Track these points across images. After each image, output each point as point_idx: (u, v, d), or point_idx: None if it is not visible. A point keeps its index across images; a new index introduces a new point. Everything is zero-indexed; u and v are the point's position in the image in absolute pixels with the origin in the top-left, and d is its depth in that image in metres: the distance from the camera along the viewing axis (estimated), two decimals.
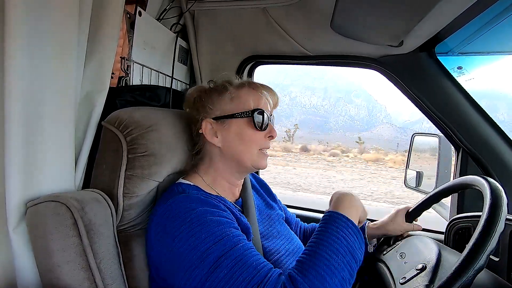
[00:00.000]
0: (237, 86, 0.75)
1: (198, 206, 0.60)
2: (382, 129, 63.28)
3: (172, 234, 0.57)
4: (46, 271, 0.55)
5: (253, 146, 0.73)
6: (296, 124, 51.81)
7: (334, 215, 0.62)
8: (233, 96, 0.73)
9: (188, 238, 0.55)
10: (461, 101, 0.98)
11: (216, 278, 0.52)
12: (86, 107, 0.73)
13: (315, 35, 1.05)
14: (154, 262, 0.64)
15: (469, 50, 1.06)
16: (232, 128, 0.72)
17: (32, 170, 0.58)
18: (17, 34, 0.53)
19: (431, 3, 0.66)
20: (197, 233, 0.55)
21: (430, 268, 0.66)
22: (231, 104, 0.73)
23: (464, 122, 0.98)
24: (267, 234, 0.77)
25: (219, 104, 0.73)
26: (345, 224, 0.60)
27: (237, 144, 0.72)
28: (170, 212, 0.60)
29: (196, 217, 0.58)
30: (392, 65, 1.03)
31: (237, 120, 0.72)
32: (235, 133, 0.72)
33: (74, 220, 0.56)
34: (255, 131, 0.72)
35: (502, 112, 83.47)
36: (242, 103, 0.72)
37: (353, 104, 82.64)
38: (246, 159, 0.72)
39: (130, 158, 0.66)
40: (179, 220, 0.58)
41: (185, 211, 0.59)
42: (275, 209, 0.90)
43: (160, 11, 1.04)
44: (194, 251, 0.54)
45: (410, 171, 1.15)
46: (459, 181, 0.75)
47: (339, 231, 0.59)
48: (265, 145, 0.74)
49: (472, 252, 0.50)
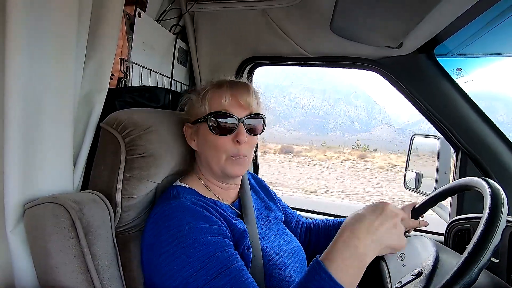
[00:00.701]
0: (214, 87, 0.72)
1: (189, 221, 0.58)
2: (380, 130, 63.40)
3: (160, 250, 0.57)
4: (44, 273, 0.55)
5: (219, 151, 0.69)
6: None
7: (317, 268, 0.50)
8: (205, 99, 0.71)
9: (174, 259, 0.55)
10: (460, 102, 0.98)
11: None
12: (85, 108, 0.73)
13: (315, 36, 1.06)
14: (144, 267, 0.64)
15: (468, 52, 1.07)
16: (200, 133, 0.71)
17: (30, 171, 0.58)
18: (16, 34, 0.53)
19: (430, 5, 0.66)
20: (182, 255, 0.54)
21: (426, 274, 0.65)
22: (202, 108, 0.71)
23: (464, 123, 0.98)
24: (266, 235, 0.76)
25: (194, 107, 0.73)
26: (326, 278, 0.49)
27: (206, 149, 0.71)
28: (162, 223, 0.59)
29: (184, 234, 0.56)
30: (392, 66, 1.03)
31: (202, 125, 0.70)
32: (203, 138, 0.71)
33: (72, 222, 0.55)
34: (216, 136, 0.68)
35: (501, 113, 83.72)
36: (210, 106, 0.70)
37: (352, 106, 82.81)
38: (214, 165, 0.70)
39: (128, 160, 0.66)
40: (168, 235, 0.57)
41: (175, 225, 0.58)
42: (273, 210, 0.89)
43: (160, 12, 1.04)
44: (178, 274, 0.53)
45: (409, 172, 1.14)
46: (459, 182, 0.75)
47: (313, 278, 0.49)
48: (232, 151, 0.69)
49: (475, 250, 0.49)
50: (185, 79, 1.24)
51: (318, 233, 0.97)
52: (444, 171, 1.01)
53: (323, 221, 0.99)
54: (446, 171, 1.02)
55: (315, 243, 0.96)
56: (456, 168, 1.04)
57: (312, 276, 0.50)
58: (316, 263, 0.51)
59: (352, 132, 68.72)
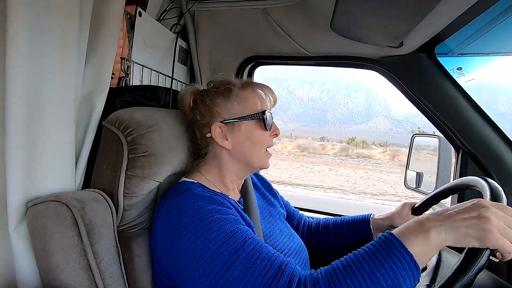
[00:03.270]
0: (241, 88, 0.75)
1: (205, 204, 0.59)
2: (378, 122, 63.27)
3: (181, 233, 0.56)
4: (46, 271, 0.55)
5: (262, 146, 0.75)
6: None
7: (393, 240, 0.51)
8: (239, 98, 0.73)
9: (198, 237, 0.55)
10: (461, 102, 0.98)
11: (230, 276, 0.51)
12: (86, 107, 0.73)
13: (315, 36, 1.06)
14: (160, 262, 0.63)
15: (469, 51, 1.07)
16: (242, 130, 0.73)
17: (32, 170, 0.58)
18: (17, 34, 0.53)
19: (431, 4, 0.66)
20: (206, 232, 0.55)
21: (431, 268, 0.66)
22: (238, 107, 0.73)
23: (464, 123, 0.98)
24: (269, 233, 0.77)
25: (226, 107, 0.73)
26: (402, 257, 0.48)
27: (247, 145, 0.73)
28: (176, 211, 0.59)
29: (204, 215, 0.57)
30: (392, 66, 1.03)
31: (247, 122, 0.73)
32: (245, 135, 0.73)
33: (74, 220, 0.56)
34: (263, 131, 0.74)
35: (503, 103, 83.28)
36: (249, 105, 0.73)
37: (352, 97, 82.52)
38: (255, 160, 0.74)
39: (130, 158, 0.66)
40: (187, 219, 0.57)
41: (192, 209, 0.58)
42: (276, 207, 0.90)
43: (160, 12, 1.04)
44: (205, 250, 0.53)
45: (410, 171, 1.15)
46: (459, 181, 0.76)
47: (388, 260, 0.48)
48: (271, 143, 0.77)
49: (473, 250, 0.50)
50: (186, 78, 1.24)
51: (318, 232, 0.97)
52: (445, 170, 1.01)
53: (324, 220, 0.99)
54: (446, 170, 1.02)
55: (316, 241, 0.97)
56: (456, 167, 1.05)
57: (383, 242, 0.51)
58: (387, 233, 0.52)
59: (350, 124, 68.52)
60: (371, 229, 0.89)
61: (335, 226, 0.95)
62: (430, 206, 0.86)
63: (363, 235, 0.90)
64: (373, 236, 0.89)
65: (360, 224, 0.91)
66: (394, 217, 0.88)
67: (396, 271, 0.47)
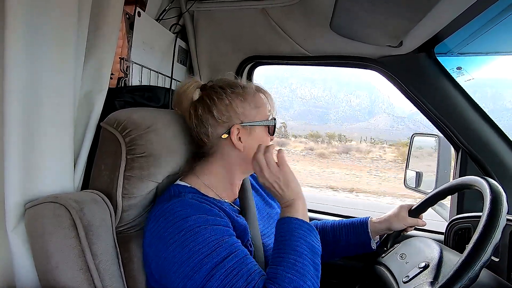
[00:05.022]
0: (254, 92, 0.77)
1: (193, 213, 0.60)
2: (379, 119, 63.06)
3: (167, 242, 0.58)
4: (44, 272, 0.55)
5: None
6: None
7: (287, 220, 0.65)
8: (255, 103, 0.75)
9: (182, 248, 0.56)
10: (461, 101, 0.98)
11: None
12: (85, 108, 0.73)
13: (315, 36, 1.05)
14: (149, 265, 0.64)
15: (469, 51, 1.06)
16: (255, 134, 0.74)
17: (31, 171, 0.58)
18: (16, 34, 0.52)
19: (430, 4, 0.66)
20: (191, 243, 0.56)
21: (433, 265, 0.66)
22: (254, 111, 0.74)
23: (464, 122, 0.98)
24: (267, 233, 0.77)
25: (244, 109, 0.73)
26: (299, 225, 0.63)
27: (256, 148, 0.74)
28: (164, 219, 0.60)
29: (190, 225, 0.58)
30: (392, 65, 1.03)
31: (260, 127, 0.75)
32: (257, 139, 0.74)
33: (73, 221, 0.55)
34: (268, 136, 0.77)
35: (509, 99, 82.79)
36: (261, 110, 0.76)
37: (355, 95, 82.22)
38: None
39: (129, 159, 0.66)
40: (173, 228, 0.58)
41: (179, 218, 0.59)
42: (274, 207, 0.91)
43: (160, 12, 1.04)
44: (187, 262, 0.55)
45: (409, 171, 1.14)
46: (459, 181, 0.75)
47: (295, 234, 0.61)
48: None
49: (475, 249, 0.50)
50: (185, 78, 1.24)
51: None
52: (444, 169, 1.01)
53: (322, 223, 1.00)
54: (446, 170, 1.02)
55: None
56: (456, 167, 1.04)
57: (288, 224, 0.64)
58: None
59: (352, 121, 68.32)
60: (369, 232, 0.89)
61: (333, 229, 0.95)
62: (429, 206, 0.86)
63: (361, 238, 0.90)
64: (371, 240, 0.90)
65: (358, 228, 0.91)
66: (391, 220, 0.89)
67: (304, 237, 0.62)
